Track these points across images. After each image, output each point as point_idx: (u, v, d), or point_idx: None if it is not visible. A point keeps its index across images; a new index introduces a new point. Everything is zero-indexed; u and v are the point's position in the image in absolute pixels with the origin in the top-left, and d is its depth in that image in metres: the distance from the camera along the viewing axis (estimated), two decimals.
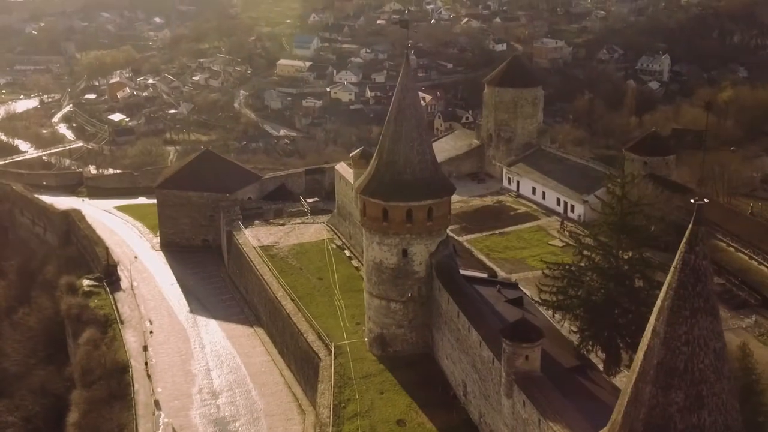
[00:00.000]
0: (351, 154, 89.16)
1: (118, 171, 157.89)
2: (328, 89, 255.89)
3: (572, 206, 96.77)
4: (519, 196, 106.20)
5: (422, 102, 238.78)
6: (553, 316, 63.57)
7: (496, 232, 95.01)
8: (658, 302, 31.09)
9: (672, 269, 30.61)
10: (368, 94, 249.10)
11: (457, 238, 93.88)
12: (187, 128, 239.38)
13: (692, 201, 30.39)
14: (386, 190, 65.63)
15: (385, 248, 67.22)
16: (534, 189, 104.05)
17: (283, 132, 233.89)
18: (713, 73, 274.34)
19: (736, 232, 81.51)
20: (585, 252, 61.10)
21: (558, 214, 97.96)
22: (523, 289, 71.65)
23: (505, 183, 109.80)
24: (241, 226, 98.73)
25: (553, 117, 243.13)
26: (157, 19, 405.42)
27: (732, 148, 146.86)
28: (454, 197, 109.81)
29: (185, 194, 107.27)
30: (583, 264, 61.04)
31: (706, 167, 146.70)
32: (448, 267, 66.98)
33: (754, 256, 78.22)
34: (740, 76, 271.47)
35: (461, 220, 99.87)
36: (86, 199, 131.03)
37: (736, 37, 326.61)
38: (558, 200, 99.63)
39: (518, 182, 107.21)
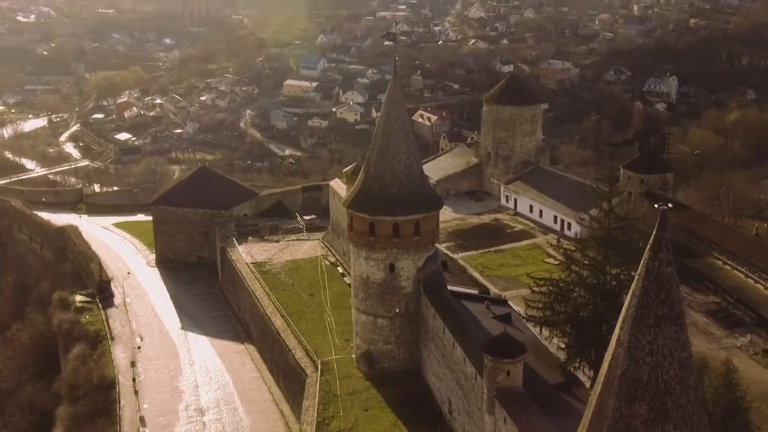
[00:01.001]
0: (344, 170, 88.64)
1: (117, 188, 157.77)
2: (333, 109, 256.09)
3: (569, 224, 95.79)
4: (516, 213, 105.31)
5: (428, 122, 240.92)
6: (540, 332, 62.48)
7: (492, 249, 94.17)
8: (623, 311, 30.16)
9: (636, 277, 29.68)
10: (374, 114, 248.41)
11: (452, 255, 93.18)
12: (193, 147, 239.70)
13: (656, 206, 29.50)
14: (373, 204, 64.89)
15: (372, 263, 66.39)
16: (531, 207, 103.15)
17: (288, 152, 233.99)
18: (721, 95, 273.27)
19: (732, 249, 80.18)
20: (573, 267, 60.11)
21: (555, 231, 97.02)
22: (513, 305, 70.64)
23: (502, 201, 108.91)
24: (235, 243, 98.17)
25: (559, 138, 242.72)
26: (168, 41, 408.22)
27: (696, 152, 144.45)
28: (451, 215, 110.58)
29: (181, 210, 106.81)
30: (570, 279, 60.01)
31: (713, 188, 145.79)
32: (436, 282, 66.07)
33: (750, 274, 76.86)
34: (748, 98, 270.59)
35: (457, 238, 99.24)
36: (84, 216, 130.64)
37: (745, 59, 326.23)
38: (555, 218, 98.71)
39: (516, 200, 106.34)
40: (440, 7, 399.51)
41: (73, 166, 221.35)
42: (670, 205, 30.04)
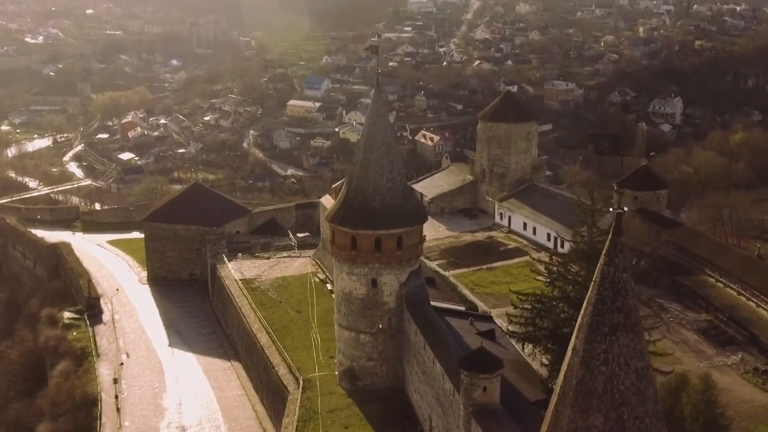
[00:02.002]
0: (333, 186, 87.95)
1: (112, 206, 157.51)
2: (336, 129, 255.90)
3: (562, 241, 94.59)
4: (510, 231, 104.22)
5: (430, 142, 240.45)
6: (523, 348, 61.24)
7: (484, 267, 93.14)
8: (579, 319, 29.12)
9: (592, 283, 28.65)
10: None
11: (443, 272, 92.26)
12: (195, 167, 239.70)
13: (611, 210, 28.55)
14: (354, 218, 64.04)
15: (354, 278, 65.46)
16: (525, 224, 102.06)
17: (290, 171, 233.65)
18: (727, 117, 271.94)
19: (725, 267, 78.90)
20: (557, 282, 59.04)
21: (548, 249, 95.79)
22: (499, 321, 69.47)
23: (497, 218, 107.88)
24: (225, 259, 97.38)
25: (562, 159, 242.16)
26: (175, 62, 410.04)
27: (652, 154, 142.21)
28: (445, 233, 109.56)
29: (172, 227, 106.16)
30: (554, 294, 58.92)
31: (716, 209, 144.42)
32: (419, 298, 65.03)
33: (743, 292, 75.55)
34: (754, 119, 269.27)
35: (450, 255, 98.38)
36: (79, 233, 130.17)
37: (751, 80, 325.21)
38: (548, 235, 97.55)
39: (510, 218, 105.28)
40: (446, 29, 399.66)
41: (75, 186, 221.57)
42: (625, 209, 29.07)
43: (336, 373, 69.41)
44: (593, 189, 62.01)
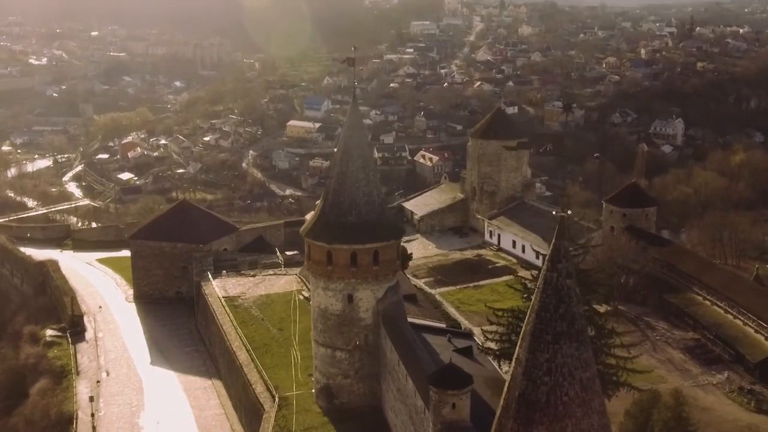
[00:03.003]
0: (317, 202, 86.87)
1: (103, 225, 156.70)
2: (335, 149, 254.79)
3: None
4: (500, 249, 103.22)
5: (429, 163, 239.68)
6: (500, 365, 59.97)
7: (471, 285, 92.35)
8: (523, 327, 27.94)
9: (536, 290, 27.50)
10: (376, 154, 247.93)
11: (429, 290, 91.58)
12: (194, 187, 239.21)
13: (554, 213, 27.49)
14: (330, 233, 62.98)
15: (330, 293, 64.30)
16: (514, 242, 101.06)
17: (288, 191, 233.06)
18: (728, 138, 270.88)
19: (712, 284, 77.59)
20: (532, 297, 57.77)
21: (537, 267, 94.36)
22: (479, 339, 68.24)
23: (486, 236, 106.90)
24: (210, 277, 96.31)
25: (563, 179, 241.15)
26: (178, 83, 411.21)
27: (596, 155, 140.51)
28: (434, 251, 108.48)
29: (159, 245, 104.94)
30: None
31: (716, 229, 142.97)
32: (395, 314, 63.81)
33: (730, 310, 74.21)
34: (756, 141, 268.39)
35: (437, 273, 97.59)
36: (68, 252, 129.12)
37: (753, 102, 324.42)
38: (537, 254, 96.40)
39: (499, 235, 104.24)
40: (448, 51, 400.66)
41: (73, 205, 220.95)
42: (569, 212, 27.99)
43: (313, 391, 68.12)
44: (567, 201, 60.65)
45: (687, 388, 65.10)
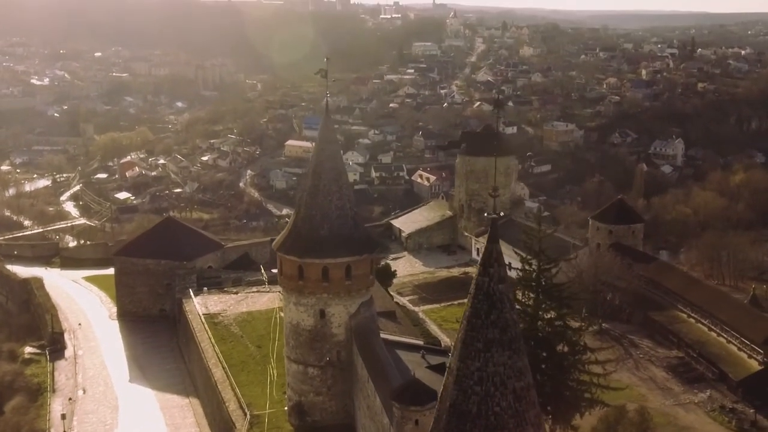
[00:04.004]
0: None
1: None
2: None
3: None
4: None
5: (426, 182, 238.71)
6: None
7: (455, 302, 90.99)
8: (457, 334, 26.72)
9: (468, 296, 26.31)
10: (373, 174, 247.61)
11: (413, 308, 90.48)
12: (191, 207, 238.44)
13: (486, 215, 26.32)
14: (301, 247, 61.79)
15: (302, 309, 63.06)
16: None
17: (285, 211, 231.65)
18: (729, 158, 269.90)
19: (696, 301, 76.23)
20: None
21: None
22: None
23: (474, 254, 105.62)
24: (191, 294, 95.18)
25: (561, 199, 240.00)
26: (180, 104, 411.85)
27: (528, 153, 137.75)
28: (421, 268, 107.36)
29: (143, 262, 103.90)
30: None
31: (714, 249, 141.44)
32: (368, 330, 62.51)
33: (713, 327, 72.78)
34: (757, 161, 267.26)
35: (422, 291, 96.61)
36: (56, 269, 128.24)
37: (754, 122, 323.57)
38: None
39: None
40: (449, 71, 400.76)
41: (69, 224, 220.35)
42: (501, 213, 26.79)
43: (286, 409, 66.76)
44: (539, 214, 59.60)
45: (668, 407, 63.76)
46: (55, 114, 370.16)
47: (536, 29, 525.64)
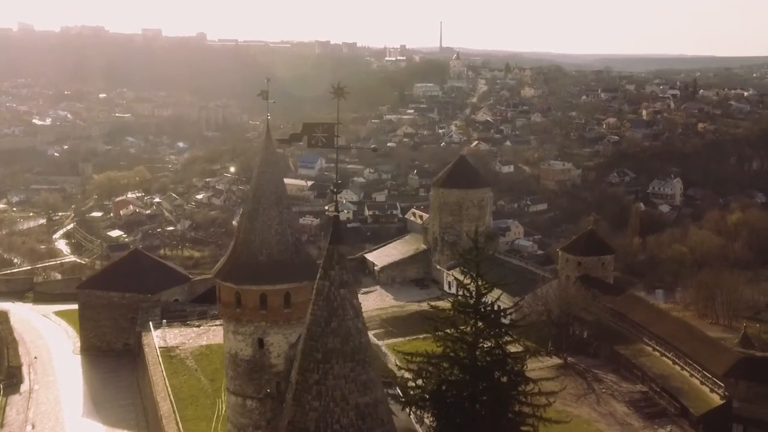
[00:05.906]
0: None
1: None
2: (326, 207, 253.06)
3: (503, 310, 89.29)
4: None
5: (419, 220, 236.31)
6: (410, 414, 55.81)
7: (421, 336, 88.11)
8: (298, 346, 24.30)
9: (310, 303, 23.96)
10: (366, 212, 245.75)
11: (377, 341, 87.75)
12: (182, 244, 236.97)
13: (326, 210, 24.02)
14: (238, 273, 59.06)
15: (240, 338, 60.04)
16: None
17: None
18: (729, 198, 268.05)
19: (661, 334, 73.44)
20: (447, 341, 54.07)
21: None
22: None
23: (445, 287, 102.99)
24: (151, 327, 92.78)
25: (557, 238, 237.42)
26: (181, 144, 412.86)
27: (373, 147, 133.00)
28: (391, 302, 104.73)
29: (107, 294, 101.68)
30: (443, 353, 53.92)
31: (709, 288, 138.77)
32: None
33: (677, 360, 69.92)
34: (758, 201, 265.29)
35: (389, 325, 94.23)
36: (29, 304, 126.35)
37: (755, 163, 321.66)
38: (493, 305, 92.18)
39: (458, 287, 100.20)
40: (449, 112, 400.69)
41: (59, 262, 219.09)
42: (345, 211, 24.47)
43: None
44: (476, 234, 57.34)
45: None
46: (56, 153, 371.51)
47: (539, 71, 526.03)
